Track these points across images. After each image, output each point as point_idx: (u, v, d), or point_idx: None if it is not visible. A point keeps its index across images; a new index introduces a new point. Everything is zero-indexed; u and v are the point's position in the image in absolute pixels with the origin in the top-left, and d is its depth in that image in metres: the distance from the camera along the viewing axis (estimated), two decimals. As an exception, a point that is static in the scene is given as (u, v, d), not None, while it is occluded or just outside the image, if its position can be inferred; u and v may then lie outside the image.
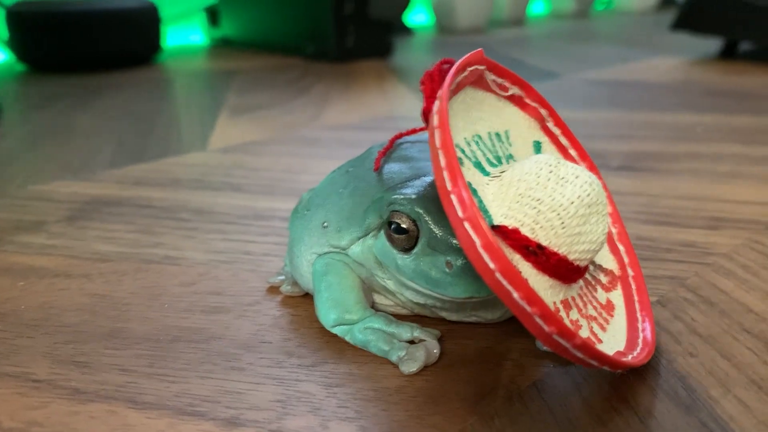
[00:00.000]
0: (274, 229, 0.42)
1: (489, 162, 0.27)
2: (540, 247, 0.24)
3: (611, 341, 0.27)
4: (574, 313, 0.26)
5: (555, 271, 0.25)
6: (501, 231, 0.24)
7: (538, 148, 0.32)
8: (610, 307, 0.29)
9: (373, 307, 0.30)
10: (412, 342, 0.28)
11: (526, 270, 0.24)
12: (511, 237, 0.24)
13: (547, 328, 0.21)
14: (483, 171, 0.27)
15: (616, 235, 0.32)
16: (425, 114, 0.28)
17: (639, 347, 0.27)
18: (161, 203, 0.48)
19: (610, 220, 0.32)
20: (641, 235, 0.40)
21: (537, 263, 0.24)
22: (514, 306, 0.21)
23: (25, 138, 0.69)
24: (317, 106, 0.82)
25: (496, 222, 0.25)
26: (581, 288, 0.28)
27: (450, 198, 0.22)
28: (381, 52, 1.20)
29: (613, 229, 0.33)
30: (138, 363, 0.28)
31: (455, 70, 0.26)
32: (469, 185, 0.25)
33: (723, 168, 0.53)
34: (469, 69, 0.27)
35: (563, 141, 0.32)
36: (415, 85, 0.94)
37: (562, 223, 0.24)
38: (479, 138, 0.28)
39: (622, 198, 0.46)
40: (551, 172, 0.25)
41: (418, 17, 1.90)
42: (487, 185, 0.26)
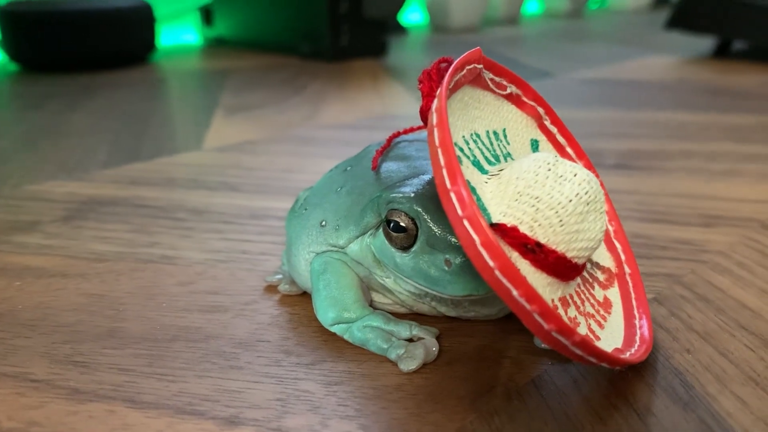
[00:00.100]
0: (270, 228, 0.42)
1: (487, 160, 0.28)
2: (538, 245, 0.24)
3: (609, 338, 0.27)
4: (572, 311, 0.26)
5: (553, 269, 0.25)
6: (500, 229, 0.24)
7: (535, 146, 0.32)
8: (607, 305, 0.29)
9: (372, 306, 0.30)
10: (410, 340, 0.28)
11: (524, 268, 0.24)
12: (510, 235, 0.24)
13: (547, 325, 0.21)
14: (481, 169, 0.27)
15: (612, 233, 0.33)
16: (423, 112, 0.28)
17: (636, 344, 0.27)
18: (157, 203, 0.48)
19: (607, 217, 0.33)
20: (637, 233, 0.40)
21: (535, 261, 0.24)
22: (513, 304, 0.21)
23: (20, 138, 0.69)
24: (312, 105, 0.82)
25: (494, 220, 0.25)
26: (579, 285, 0.28)
27: (449, 196, 0.22)
28: (376, 51, 1.20)
29: (610, 227, 0.33)
30: (136, 362, 0.28)
31: (453, 68, 0.26)
32: (468, 183, 0.25)
33: (718, 166, 0.53)
34: (467, 67, 0.27)
35: (560, 139, 0.33)
36: (410, 84, 0.94)
37: (560, 221, 0.24)
38: (477, 136, 0.28)
39: (617, 196, 0.46)
40: (549, 170, 0.25)
41: (412, 16, 1.90)
42: (486, 183, 0.26)
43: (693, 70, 1.03)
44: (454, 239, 0.25)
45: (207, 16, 1.42)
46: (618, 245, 0.32)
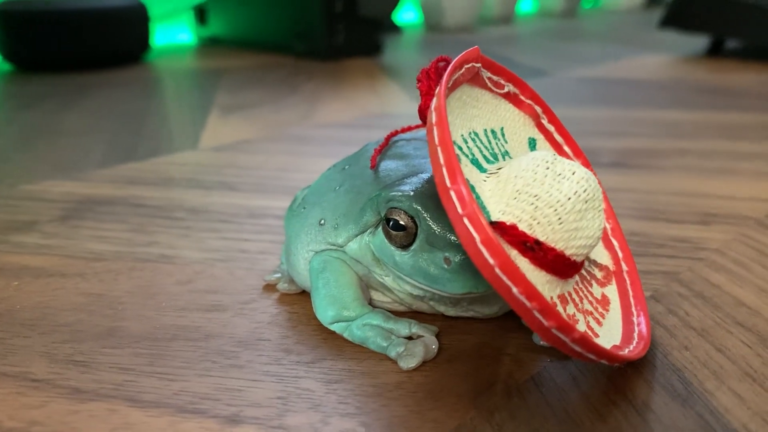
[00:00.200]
0: (268, 227, 0.42)
1: (486, 159, 0.28)
2: (537, 243, 0.24)
3: (607, 335, 0.27)
4: (570, 308, 0.26)
5: (552, 267, 0.25)
6: (499, 227, 0.24)
7: (532, 144, 0.32)
8: (605, 302, 0.29)
9: (371, 304, 0.30)
10: (410, 338, 0.28)
11: (523, 265, 0.25)
12: (509, 233, 0.24)
13: (547, 322, 0.21)
14: (480, 168, 0.27)
15: (609, 231, 0.33)
16: (422, 111, 0.28)
17: (635, 341, 0.27)
18: (154, 202, 0.48)
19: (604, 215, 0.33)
20: (634, 231, 0.40)
21: (534, 259, 0.25)
22: (513, 301, 0.21)
23: (15, 138, 0.68)
24: (308, 104, 0.82)
25: (493, 218, 0.25)
26: (577, 283, 0.28)
27: (449, 194, 0.22)
28: (371, 50, 1.20)
29: (607, 225, 0.33)
30: (136, 361, 0.28)
31: (452, 67, 0.26)
32: (467, 182, 0.25)
33: (713, 164, 0.54)
34: (466, 66, 0.27)
35: (557, 138, 0.33)
36: (406, 83, 0.94)
37: (559, 219, 0.24)
38: (476, 135, 0.28)
39: (613, 194, 0.46)
40: (548, 168, 0.25)
41: (406, 15, 1.90)
42: (485, 182, 0.26)
43: (687, 68, 1.03)
44: (453, 237, 0.25)
45: (201, 15, 1.42)
46: (615, 243, 0.32)
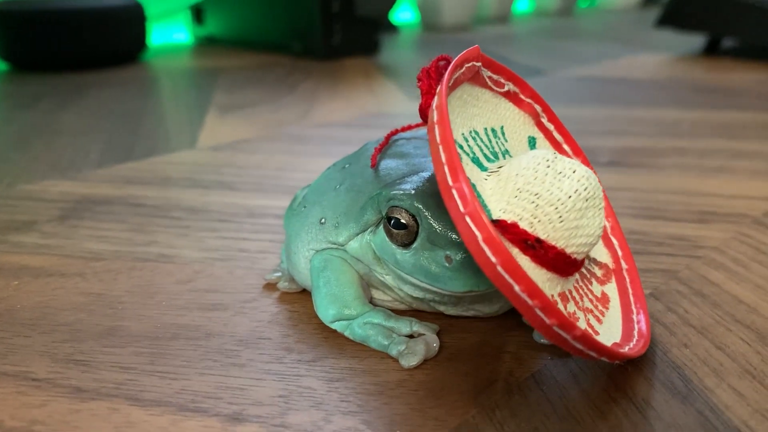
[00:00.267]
0: (267, 227, 0.42)
1: (486, 157, 0.28)
2: (538, 241, 0.24)
3: (607, 333, 0.27)
4: (571, 306, 0.26)
5: (553, 265, 0.25)
6: (500, 225, 0.24)
7: (532, 143, 0.32)
8: (605, 300, 0.29)
9: (371, 303, 0.31)
10: (411, 336, 0.28)
11: (524, 263, 0.25)
12: (510, 231, 0.24)
13: (548, 320, 0.21)
14: (481, 166, 0.27)
15: (609, 229, 0.33)
16: (423, 110, 0.28)
17: (635, 339, 0.27)
18: (153, 202, 0.48)
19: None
20: (632, 229, 0.40)
21: (535, 257, 0.25)
22: (515, 299, 0.21)
23: (12, 137, 0.68)
24: (306, 103, 0.82)
25: (494, 216, 0.25)
26: (577, 281, 0.28)
27: (451, 193, 0.22)
28: (368, 49, 1.20)
29: (607, 223, 0.33)
30: (137, 360, 0.28)
31: (453, 66, 0.26)
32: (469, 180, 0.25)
33: (710, 163, 0.54)
34: (466, 65, 0.27)
35: (557, 136, 0.33)
36: (403, 83, 0.95)
37: (560, 217, 0.24)
38: (476, 134, 0.29)
39: (612, 193, 0.47)
40: (548, 166, 0.25)
41: (403, 15, 1.90)
42: (485, 180, 0.26)
43: (683, 67, 1.04)
44: (454, 236, 0.25)
45: (198, 14, 1.42)
46: (615, 241, 0.32)
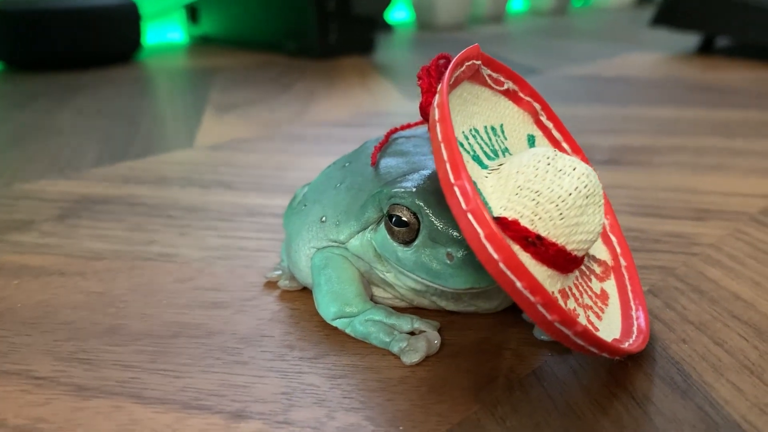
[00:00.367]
0: (267, 226, 0.42)
1: (486, 155, 0.28)
2: (539, 238, 0.25)
3: (607, 329, 0.27)
4: (571, 302, 0.27)
5: (553, 261, 0.25)
6: (501, 222, 0.25)
7: (531, 141, 0.32)
8: (604, 297, 0.29)
9: (372, 300, 0.31)
10: (412, 333, 0.28)
11: (525, 260, 0.25)
12: (511, 228, 0.25)
13: (550, 316, 0.22)
14: (481, 164, 0.27)
15: (608, 227, 0.33)
16: (423, 108, 0.28)
17: (634, 335, 0.28)
18: (151, 201, 0.48)
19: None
20: (630, 227, 0.41)
21: (536, 254, 0.25)
22: (517, 295, 0.21)
23: (8, 137, 0.68)
24: (302, 102, 0.82)
25: (495, 214, 0.25)
26: (577, 278, 0.28)
27: (453, 190, 0.22)
28: (363, 48, 1.20)
29: (605, 221, 0.33)
30: (140, 359, 0.28)
31: (453, 64, 0.26)
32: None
33: (706, 161, 0.54)
34: (467, 64, 0.28)
35: (556, 134, 0.33)
36: (399, 82, 0.95)
37: (560, 214, 0.25)
38: (476, 132, 0.29)
39: (609, 191, 0.47)
40: (549, 164, 0.25)
41: (398, 14, 1.90)
42: (486, 178, 0.26)
43: (678, 66, 1.04)
44: (455, 233, 0.26)
45: (193, 14, 1.42)
46: (613, 239, 0.33)
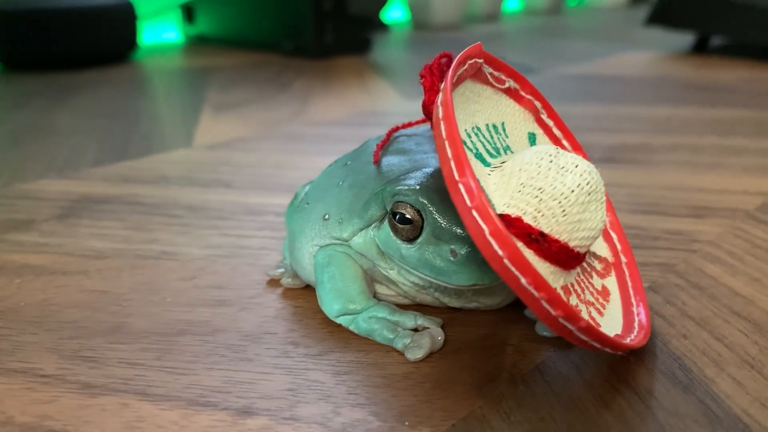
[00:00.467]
0: (267, 224, 0.42)
1: (488, 153, 0.28)
2: (542, 235, 0.25)
3: (609, 325, 0.28)
4: (573, 299, 0.27)
5: (556, 258, 0.25)
6: (504, 220, 0.25)
7: (532, 139, 0.32)
8: (605, 293, 0.30)
9: (375, 297, 0.31)
10: (415, 330, 0.29)
11: (528, 257, 0.25)
12: (514, 225, 0.25)
13: (554, 312, 0.22)
14: (484, 162, 0.27)
15: (608, 224, 0.33)
16: (426, 106, 0.28)
17: (635, 330, 0.28)
18: (151, 200, 0.48)
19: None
20: (629, 224, 0.41)
21: (539, 250, 0.25)
22: (521, 291, 0.22)
23: (6, 137, 0.68)
24: (299, 102, 0.82)
25: (498, 211, 0.25)
26: (578, 275, 0.28)
27: (458, 187, 0.22)
28: (359, 48, 1.20)
29: (606, 218, 0.33)
30: (145, 356, 0.28)
31: (456, 63, 0.26)
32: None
33: (703, 159, 0.55)
34: (469, 62, 0.28)
35: (556, 132, 0.33)
36: (396, 81, 0.95)
37: (563, 211, 0.25)
38: (478, 130, 0.29)
39: (608, 189, 0.46)
40: (551, 161, 0.25)
41: (394, 13, 1.90)
42: (489, 175, 0.27)
43: (673, 65, 1.05)
44: (459, 230, 0.26)
45: (188, 13, 1.42)
46: (614, 236, 0.33)
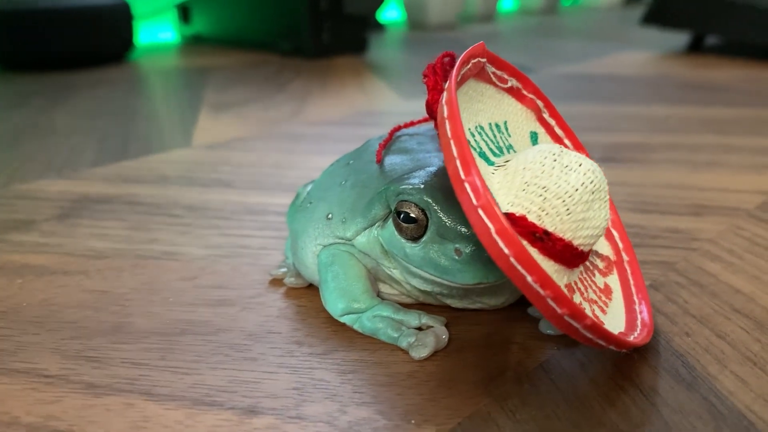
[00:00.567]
0: (268, 224, 0.42)
1: (492, 152, 0.28)
2: (546, 233, 0.25)
3: (612, 323, 0.28)
4: (576, 297, 0.27)
5: (560, 256, 0.25)
6: (509, 218, 0.25)
7: (534, 138, 0.32)
8: (608, 291, 0.30)
9: (379, 297, 0.31)
10: (419, 329, 0.29)
11: (533, 255, 0.25)
12: (519, 224, 0.25)
13: (560, 309, 0.22)
14: (487, 161, 0.27)
15: (610, 223, 0.33)
16: (429, 106, 0.28)
17: (638, 328, 0.28)
18: (151, 200, 0.48)
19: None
20: (629, 223, 0.41)
21: (543, 249, 0.25)
22: (527, 289, 0.22)
23: (4, 137, 0.68)
24: (297, 102, 0.82)
25: (503, 210, 0.25)
26: (581, 273, 0.29)
27: (464, 186, 0.22)
28: (356, 48, 1.20)
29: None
30: (148, 356, 0.28)
31: (460, 62, 0.26)
32: (478, 174, 0.26)
33: (701, 158, 0.55)
34: (473, 61, 0.28)
35: (558, 131, 0.33)
36: (393, 81, 0.95)
37: (567, 210, 0.25)
38: (481, 129, 0.29)
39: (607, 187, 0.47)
40: (555, 160, 0.26)
41: (389, 13, 1.90)
42: (493, 174, 0.27)
43: (669, 64, 1.05)
44: (464, 228, 0.26)
45: (184, 13, 1.42)
46: (615, 234, 0.33)
